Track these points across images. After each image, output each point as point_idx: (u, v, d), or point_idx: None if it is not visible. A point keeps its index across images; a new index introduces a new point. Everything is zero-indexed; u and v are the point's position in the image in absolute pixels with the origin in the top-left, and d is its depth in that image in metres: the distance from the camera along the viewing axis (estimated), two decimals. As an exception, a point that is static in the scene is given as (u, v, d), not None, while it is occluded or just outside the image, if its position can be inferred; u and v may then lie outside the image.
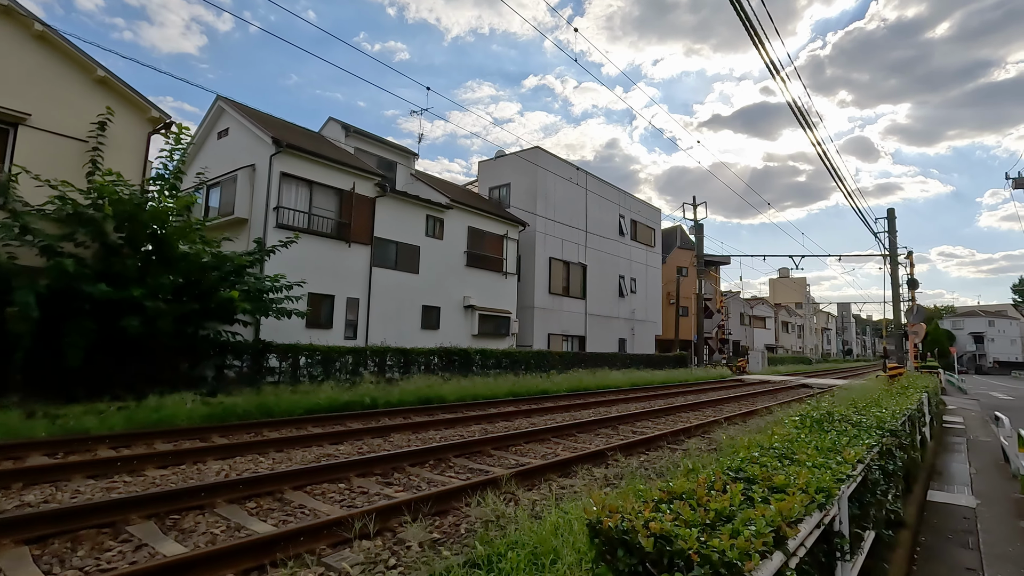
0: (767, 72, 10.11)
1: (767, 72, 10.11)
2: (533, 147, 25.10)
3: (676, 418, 12.70)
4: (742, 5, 7.60)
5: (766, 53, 8.75)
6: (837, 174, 16.57)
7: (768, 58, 8.90)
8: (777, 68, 9.22)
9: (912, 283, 21.88)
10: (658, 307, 34.68)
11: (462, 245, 21.01)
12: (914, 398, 8.83)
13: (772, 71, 9.31)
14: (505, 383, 16.37)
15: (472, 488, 5.49)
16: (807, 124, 11.93)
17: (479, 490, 5.38)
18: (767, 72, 10.11)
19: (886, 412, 5.69)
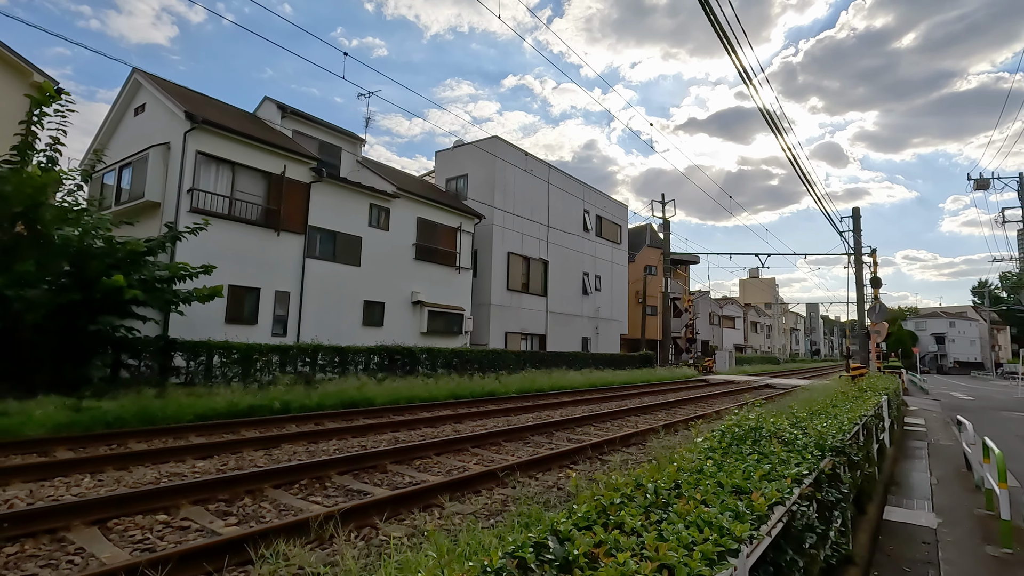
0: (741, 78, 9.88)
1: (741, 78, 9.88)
2: (491, 136, 23.94)
3: (623, 423, 11.69)
4: (715, 13, 7.65)
5: (738, 60, 8.70)
6: (807, 179, 16.74)
7: (740, 65, 8.85)
8: (749, 76, 9.23)
9: (875, 281, 21.43)
10: (624, 306, 33.87)
11: (410, 237, 19.71)
12: (872, 402, 7.95)
13: (744, 78, 9.26)
14: (448, 384, 15.17)
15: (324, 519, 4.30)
16: (778, 130, 11.95)
17: (327, 523, 4.19)
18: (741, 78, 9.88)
19: (832, 424, 4.68)
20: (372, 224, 18.40)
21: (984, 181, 31.85)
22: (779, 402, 14.15)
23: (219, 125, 14.04)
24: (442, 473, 6.66)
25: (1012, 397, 29.00)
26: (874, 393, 9.49)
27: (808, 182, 17.35)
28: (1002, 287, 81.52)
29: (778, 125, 11.88)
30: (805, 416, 4.93)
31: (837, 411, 6.24)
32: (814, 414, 5.55)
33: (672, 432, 9.65)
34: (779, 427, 3.99)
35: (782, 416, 4.52)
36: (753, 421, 3.85)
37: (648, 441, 8.69)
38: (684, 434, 9.64)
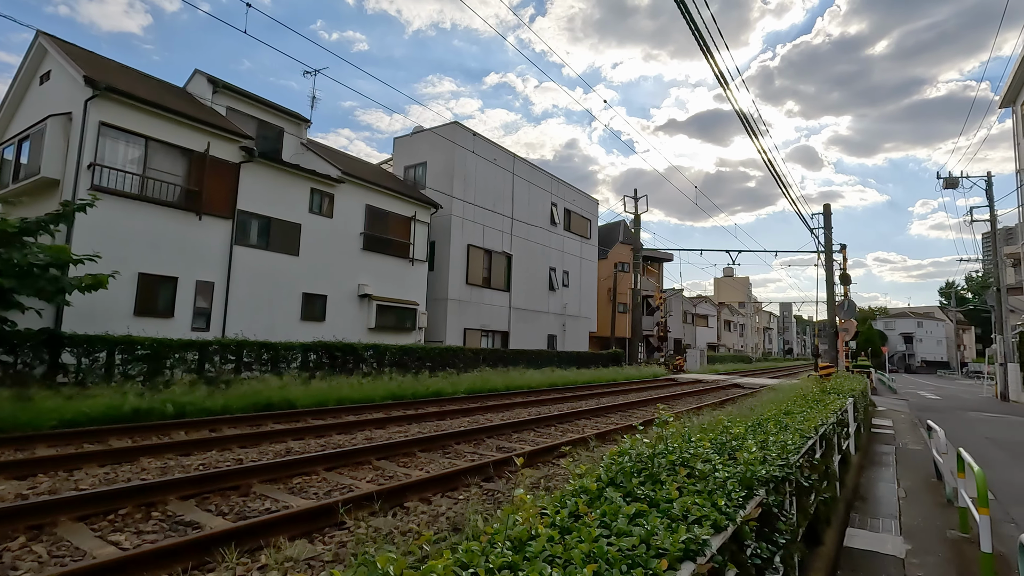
0: (720, 81, 9.79)
1: (720, 81, 9.79)
2: (451, 122, 22.67)
3: (569, 427, 10.60)
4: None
5: (715, 64, 8.69)
6: (783, 181, 16.65)
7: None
8: (727, 79, 9.31)
9: (844, 278, 20.83)
10: (593, 302, 32.92)
11: (358, 225, 18.35)
12: (834, 407, 6.96)
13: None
14: (389, 385, 13.92)
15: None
16: (755, 133, 12.00)
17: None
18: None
19: (775, 442, 3.60)
20: (313, 210, 16.99)
21: (953, 180, 31.73)
22: (740, 403, 13.24)
23: (126, 93, 12.50)
24: (318, 495, 5.44)
25: (978, 396, 28.89)
26: (839, 395, 8.56)
27: (784, 184, 17.22)
28: (968, 288, 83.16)
29: (755, 128, 11.88)
30: (742, 431, 3.85)
31: (791, 419, 5.20)
32: (757, 425, 4.48)
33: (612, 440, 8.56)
34: (695, 451, 2.88)
35: (706, 435, 3.41)
36: (649, 447, 2.72)
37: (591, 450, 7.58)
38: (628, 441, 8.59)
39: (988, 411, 19.85)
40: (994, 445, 12.33)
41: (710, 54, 8.43)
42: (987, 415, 18.47)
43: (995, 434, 14.02)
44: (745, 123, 11.48)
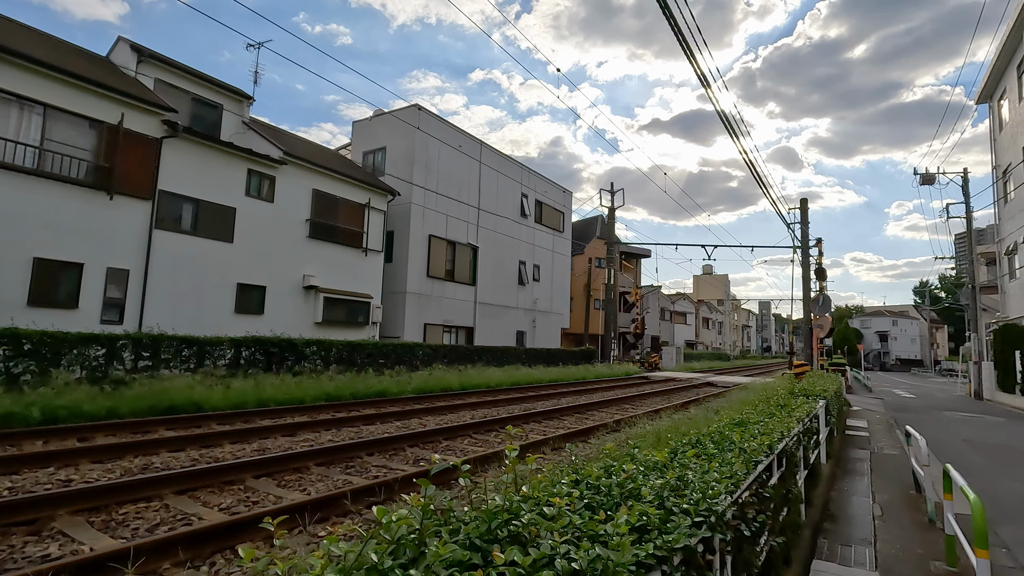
0: (703, 82, 9.63)
1: (703, 82, 9.63)
2: (411, 105, 21.33)
3: (520, 431, 9.46)
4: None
5: (698, 66, 8.65)
6: (764, 182, 16.68)
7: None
8: (709, 80, 9.13)
9: (820, 273, 20.05)
10: (565, 298, 31.86)
11: (303, 211, 16.95)
12: (801, 413, 5.90)
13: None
14: (327, 385, 12.63)
15: None
16: (737, 134, 12.02)
17: None
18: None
19: (699, 481, 2.45)
20: (251, 193, 15.55)
21: (930, 176, 31.35)
22: (705, 405, 12.22)
23: (17, 53, 10.97)
24: (136, 532, 4.19)
25: (952, 395, 28.54)
26: (808, 399, 7.53)
27: (764, 185, 17.20)
28: (941, 288, 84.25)
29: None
30: (663, 458, 2.71)
31: (742, 433, 4.09)
32: (693, 445, 3.37)
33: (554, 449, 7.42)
34: (551, 510, 1.71)
35: (590, 475, 2.26)
36: (479, 513, 1.53)
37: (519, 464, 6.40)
38: (563, 454, 7.46)
39: (964, 411, 19.26)
40: (973, 448, 11.53)
41: (692, 55, 8.41)
42: (963, 415, 17.84)
43: (973, 436, 13.27)
44: (727, 124, 11.44)
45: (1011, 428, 14.93)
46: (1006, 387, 23.16)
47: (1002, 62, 25.34)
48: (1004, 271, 26.80)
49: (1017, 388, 21.70)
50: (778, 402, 6.28)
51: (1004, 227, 26.61)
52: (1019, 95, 23.79)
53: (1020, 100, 23.64)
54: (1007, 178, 26.09)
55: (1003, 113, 26.48)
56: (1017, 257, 24.78)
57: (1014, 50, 24.28)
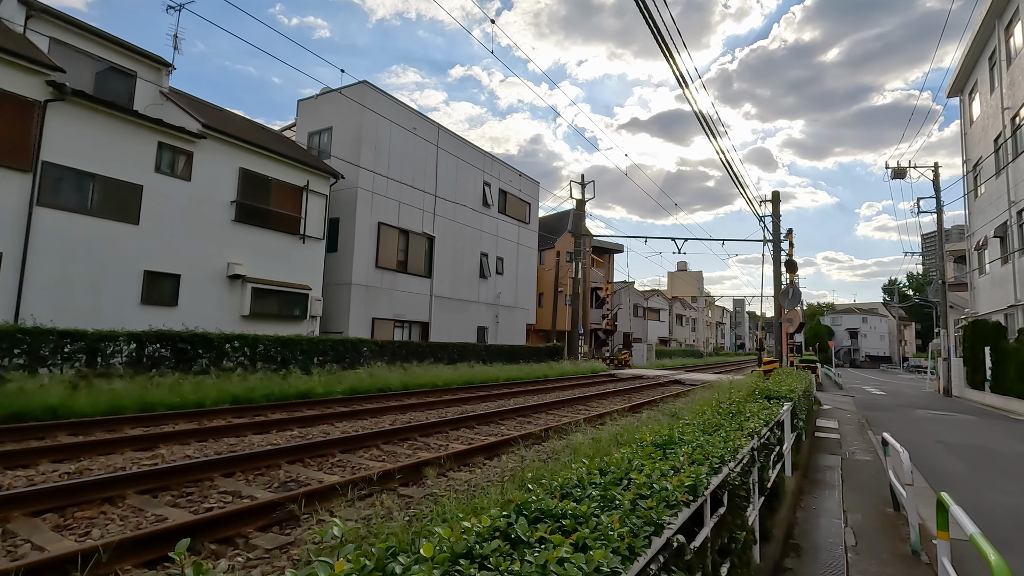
0: (682, 82, 9.33)
1: (682, 82, 9.33)
2: (360, 82, 19.69)
3: (436, 440, 8.06)
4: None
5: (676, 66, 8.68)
6: (740, 181, 16.65)
7: (678, 70, 8.83)
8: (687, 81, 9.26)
9: (790, 264, 19.13)
10: (532, 292, 30.56)
11: (228, 192, 15.25)
12: (756, 424, 4.63)
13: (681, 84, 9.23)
14: (235, 386, 11.06)
15: None
16: (714, 134, 11.93)
17: None
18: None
19: None
20: (162, 170, 13.79)
21: (901, 170, 30.94)
22: (661, 407, 11.02)
23: None
24: None
25: (921, 392, 28.16)
26: (771, 402, 6.30)
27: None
28: (909, 286, 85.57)
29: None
30: (500, 521, 1.33)
31: (661, 464, 2.77)
32: (576, 485, 2.03)
33: (464, 466, 6.03)
34: None
35: None
36: None
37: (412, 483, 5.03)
38: (479, 471, 6.10)
39: (935, 408, 18.57)
40: (949, 451, 10.57)
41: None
42: (934, 413, 17.11)
43: (947, 437, 12.38)
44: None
45: (984, 427, 14.17)
46: (975, 384, 22.67)
47: (973, 54, 24.84)
48: (974, 266, 26.39)
49: (986, 385, 21.17)
50: (728, 410, 5.00)
51: (974, 221, 26.19)
52: (991, 87, 23.26)
53: (992, 92, 23.11)
54: (977, 172, 25.65)
55: (974, 108, 26.03)
56: (987, 252, 24.33)
57: (985, 42, 23.76)
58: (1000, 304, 21.85)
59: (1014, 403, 18.25)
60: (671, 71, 8.75)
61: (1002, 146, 21.95)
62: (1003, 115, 21.60)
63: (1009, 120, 21.18)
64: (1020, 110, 20.11)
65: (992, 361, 20.65)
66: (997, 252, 22.67)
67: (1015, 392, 18.20)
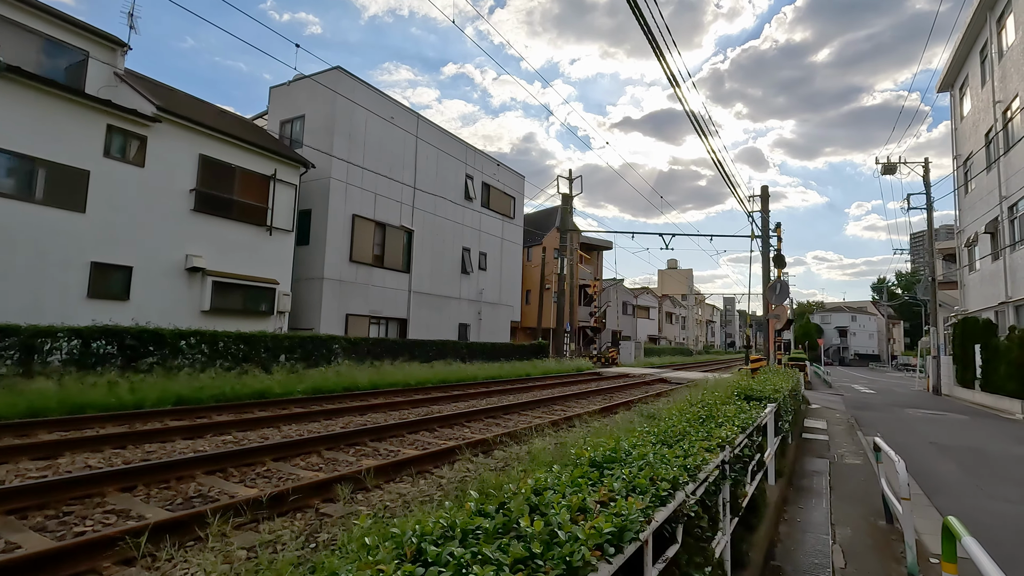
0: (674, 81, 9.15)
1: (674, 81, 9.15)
2: (333, 68, 18.86)
3: (388, 447, 7.33)
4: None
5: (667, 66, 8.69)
6: (731, 181, 16.57)
7: (669, 70, 8.83)
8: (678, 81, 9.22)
9: (779, 259, 18.56)
10: (516, 288, 29.83)
11: (186, 180, 14.38)
12: (731, 428, 3.93)
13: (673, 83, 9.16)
14: (182, 385, 10.27)
15: None
16: (705, 133, 11.98)
17: None
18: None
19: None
20: (112, 154, 12.91)
21: (891, 165, 30.56)
22: (639, 408, 10.36)
23: None
24: None
25: (911, 390, 27.77)
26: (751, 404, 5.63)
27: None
28: (898, 284, 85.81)
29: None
30: None
31: (592, 490, 2.05)
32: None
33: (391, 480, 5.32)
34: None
35: None
36: None
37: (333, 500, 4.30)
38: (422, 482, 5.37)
39: (925, 408, 18.09)
40: (941, 453, 10.01)
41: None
42: (925, 412, 16.61)
43: (939, 437, 11.84)
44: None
45: (976, 428, 13.66)
46: (965, 382, 22.26)
47: (964, 48, 24.39)
48: (964, 263, 26.02)
49: (976, 383, 20.75)
50: (698, 414, 4.30)
51: (964, 217, 25.80)
52: (982, 81, 22.82)
53: (983, 86, 22.68)
54: (968, 167, 25.26)
55: (964, 103, 25.63)
56: (977, 249, 23.93)
57: (976, 35, 23.32)
58: (990, 301, 21.44)
59: (1005, 402, 17.81)
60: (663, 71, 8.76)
61: (993, 140, 21.54)
62: (994, 109, 21.17)
63: (1001, 114, 20.75)
64: (1012, 103, 19.67)
65: (982, 359, 20.21)
66: (987, 248, 22.26)
67: (1006, 391, 17.76)
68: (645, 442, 3.00)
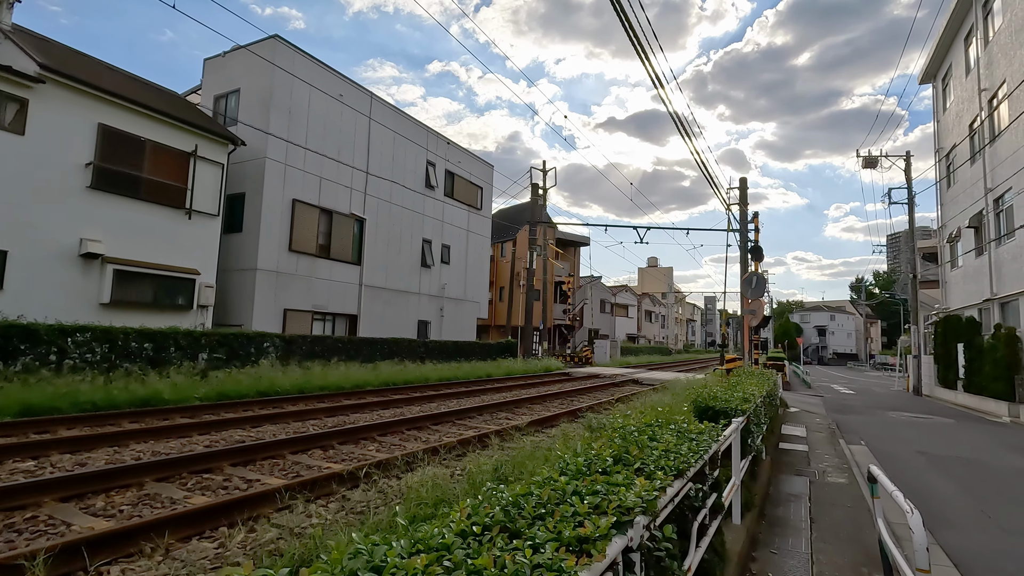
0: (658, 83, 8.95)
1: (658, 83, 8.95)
2: (270, 37, 17.00)
3: (260, 471, 5.69)
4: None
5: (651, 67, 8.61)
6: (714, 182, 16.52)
7: (653, 72, 8.76)
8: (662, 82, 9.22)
9: (756, 251, 17.28)
10: (483, 284, 28.19)
11: (83, 153, 12.48)
12: (670, 468, 2.35)
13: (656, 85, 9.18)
14: (33, 394, 8.48)
15: None
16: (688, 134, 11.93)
17: None
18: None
19: None
20: (-18, 119, 11.00)
21: (872, 159, 29.68)
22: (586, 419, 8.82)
23: None
24: None
25: (890, 391, 26.90)
26: (696, 432, 4.04)
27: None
28: (875, 284, 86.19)
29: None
30: None
31: None
32: None
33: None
34: None
35: None
36: None
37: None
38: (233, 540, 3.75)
39: (908, 410, 16.99)
40: (934, 467, 8.69)
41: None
42: (909, 416, 15.46)
43: (928, 445, 10.57)
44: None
45: (966, 433, 12.48)
46: (947, 383, 21.28)
47: (948, 36, 23.41)
48: (946, 259, 25.11)
49: (959, 383, 19.76)
50: (618, 450, 2.73)
51: (947, 212, 24.87)
52: (966, 70, 21.85)
53: (967, 75, 21.71)
54: (951, 160, 24.34)
55: (948, 94, 24.71)
56: (960, 244, 23.00)
57: (960, 21, 22.34)
58: (974, 298, 20.47)
59: (990, 403, 16.78)
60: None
61: (978, 131, 20.57)
62: (980, 97, 20.17)
63: (987, 102, 19.75)
64: (998, 91, 18.65)
65: (966, 359, 19.20)
66: (971, 243, 21.30)
67: (991, 391, 16.71)
68: (502, 518, 1.45)
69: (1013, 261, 16.94)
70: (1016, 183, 16.61)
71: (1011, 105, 17.51)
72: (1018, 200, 16.56)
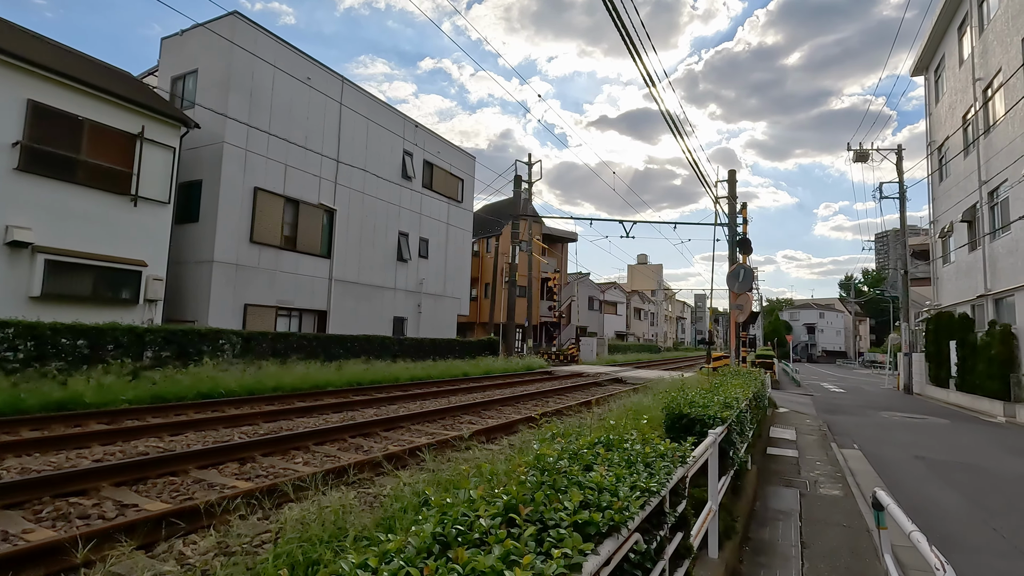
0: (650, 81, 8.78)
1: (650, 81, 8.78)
2: (230, 13, 15.90)
3: (145, 493, 4.72)
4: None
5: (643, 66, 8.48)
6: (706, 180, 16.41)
7: (645, 70, 8.64)
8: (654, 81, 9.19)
9: (744, 244, 16.50)
10: (465, 279, 27.23)
11: (9, 132, 11.35)
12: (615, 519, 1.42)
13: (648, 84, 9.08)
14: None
15: None
16: (680, 133, 11.99)
17: None
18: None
19: None
20: None
21: (863, 153, 29.01)
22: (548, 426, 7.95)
23: None
24: None
25: (880, 389, 26.32)
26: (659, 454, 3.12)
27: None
28: (864, 282, 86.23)
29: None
30: None
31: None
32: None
33: None
34: None
35: None
36: None
37: None
38: None
39: (900, 410, 16.30)
40: (934, 474, 7.90)
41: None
42: (902, 416, 14.75)
43: (925, 450, 9.82)
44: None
45: (962, 435, 11.76)
46: (939, 381, 20.66)
47: (941, 25, 22.74)
48: (938, 254, 24.52)
49: (951, 382, 19.12)
50: (556, 483, 1.82)
51: (939, 206, 24.26)
52: (959, 60, 21.19)
53: (960, 66, 21.05)
54: (943, 153, 23.72)
55: (940, 85, 24.07)
56: (953, 239, 22.39)
57: (953, 12, 21.71)
58: (967, 295, 19.84)
59: (984, 403, 16.14)
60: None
61: (972, 122, 19.91)
62: (974, 87, 19.51)
63: (981, 92, 19.08)
64: (994, 80, 17.98)
65: (958, 357, 18.56)
66: (964, 238, 20.66)
67: (984, 390, 16.06)
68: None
69: (1008, 255, 16.28)
70: (1012, 174, 15.92)
71: (1007, 94, 16.84)
72: (1014, 192, 15.89)
